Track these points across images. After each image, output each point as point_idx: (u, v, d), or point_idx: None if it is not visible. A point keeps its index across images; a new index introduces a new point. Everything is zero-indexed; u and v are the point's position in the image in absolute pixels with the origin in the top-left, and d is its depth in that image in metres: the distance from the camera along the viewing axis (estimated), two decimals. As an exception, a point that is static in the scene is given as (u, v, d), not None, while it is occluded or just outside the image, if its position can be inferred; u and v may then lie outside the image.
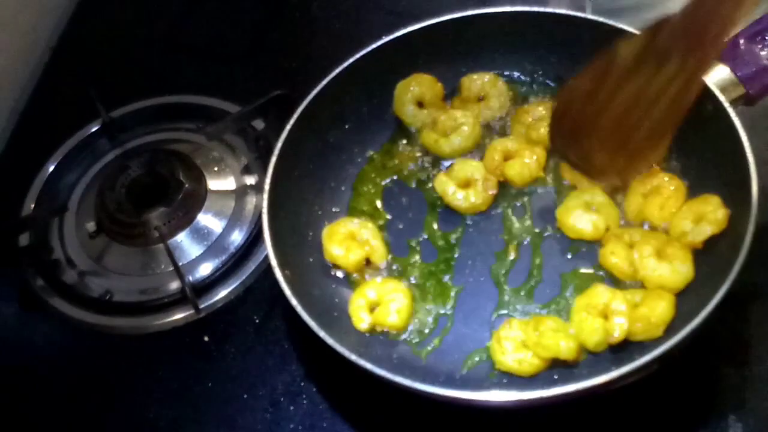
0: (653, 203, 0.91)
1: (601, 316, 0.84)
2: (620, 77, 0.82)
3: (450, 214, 0.99)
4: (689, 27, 0.74)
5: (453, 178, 0.98)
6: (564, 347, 0.82)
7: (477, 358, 0.88)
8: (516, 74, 1.06)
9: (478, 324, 0.90)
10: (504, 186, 0.99)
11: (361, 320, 0.90)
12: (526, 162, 0.97)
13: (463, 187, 0.98)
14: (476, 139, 1.01)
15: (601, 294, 0.85)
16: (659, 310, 0.82)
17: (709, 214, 0.86)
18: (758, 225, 0.79)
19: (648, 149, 0.86)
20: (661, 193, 0.91)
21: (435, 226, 0.99)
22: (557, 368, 0.85)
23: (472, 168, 0.98)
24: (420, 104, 1.04)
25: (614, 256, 0.88)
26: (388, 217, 1.00)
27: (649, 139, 0.84)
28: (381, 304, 0.90)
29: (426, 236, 0.98)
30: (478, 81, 1.04)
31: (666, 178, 0.92)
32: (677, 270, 0.85)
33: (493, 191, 0.97)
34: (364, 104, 1.05)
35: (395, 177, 1.03)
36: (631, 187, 0.93)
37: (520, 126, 1.01)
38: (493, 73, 1.04)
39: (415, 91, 1.04)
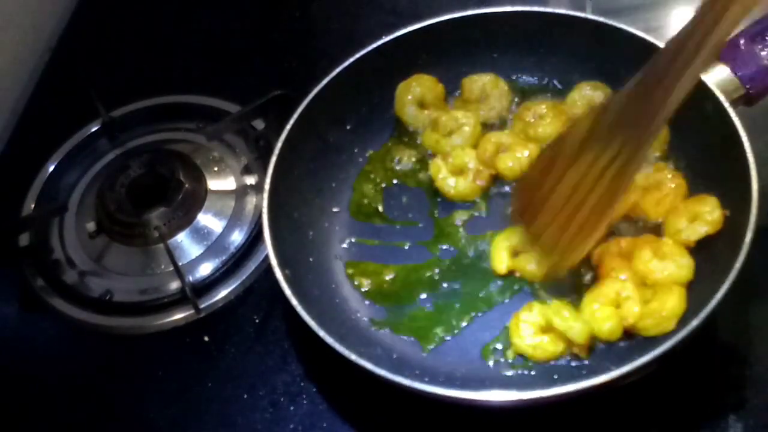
0: (650, 198, 0.91)
1: (612, 306, 0.84)
2: (568, 159, 0.84)
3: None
4: (628, 110, 0.77)
5: (448, 163, 0.99)
6: (576, 329, 0.83)
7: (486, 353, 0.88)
8: (515, 75, 1.06)
9: (480, 324, 0.90)
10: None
11: (502, 262, 0.91)
12: (517, 156, 0.97)
13: (455, 174, 0.98)
14: (477, 139, 1.01)
15: (608, 286, 0.86)
16: (670, 303, 0.83)
17: (706, 215, 0.86)
18: (758, 225, 0.79)
19: (590, 229, 0.85)
20: (660, 189, 0.91)
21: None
22: (558, 368, 0.85)
23: (468, 156, 0.99)
24: (421, 105, 1.04)
25: (616, 272, 0.87)
26: (389, 216, 1.00)
27: (591, 219, 0.83)
28: (524, 252, 0.91)
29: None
30: (479, 82, 1.04)
31: (669, 175, 0.92)
32: (681, 264, 0.85)
33: (481, 182, 0.98)
34: (364, 104, 1.05)
35: (395, 177, 1.03)
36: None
37: (520, 122, 1.01)
38: (494, 73, 1.04)
39: (416, 91, 1.04)
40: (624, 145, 0.79)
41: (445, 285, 0.94)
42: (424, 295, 0.93)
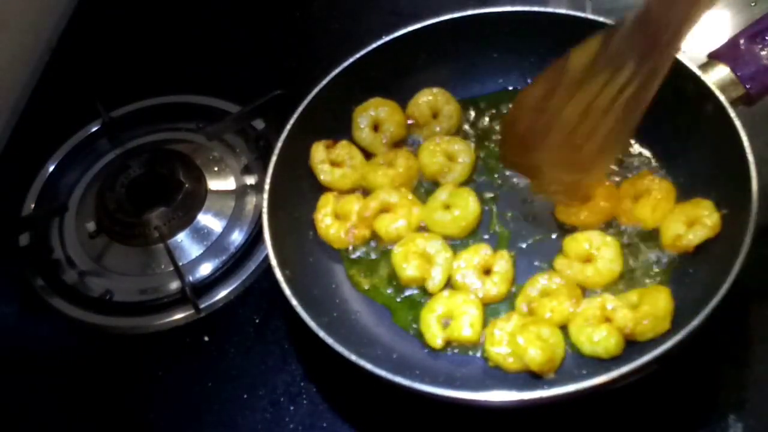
0: (645, 205, 0.91)
1: (602, 323, 0.84)
2: (571, 86, 0.82)
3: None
4: (643, 31, 0.75)
5: (334, 210, 0.97)
6: (533, 354, 0.82)
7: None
8: (515, 75, 1.06)
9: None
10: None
11: (436, 337, 0.88)
12: (395, 222, 0.95)
13: (337, 218, 0.97)
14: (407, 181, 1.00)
15: (591, 305, 0.86)
16: (661, 303, 0.83)
17: (704, 219, 0.86)
18: (758, 225, 0.79)
19: (600, 159, 0.85)
20: (651, 194, 0.91)
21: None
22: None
23: (353, 204, 0.97)
24: (376, 128, 1.02)
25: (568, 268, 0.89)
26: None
27: (601, 149, 0.83)
28: (454, 318, 0.88)
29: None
30: (425, 101, 1.03)
31: (656, 180, 0.92)
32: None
33: (352, 240, 0.96)
34: (364, 104, 1.05)
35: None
36: (620, 191, 0.93)
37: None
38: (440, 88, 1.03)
39: (371, 116, 1.02)
40: (639, 67, 0.77)
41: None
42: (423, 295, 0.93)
